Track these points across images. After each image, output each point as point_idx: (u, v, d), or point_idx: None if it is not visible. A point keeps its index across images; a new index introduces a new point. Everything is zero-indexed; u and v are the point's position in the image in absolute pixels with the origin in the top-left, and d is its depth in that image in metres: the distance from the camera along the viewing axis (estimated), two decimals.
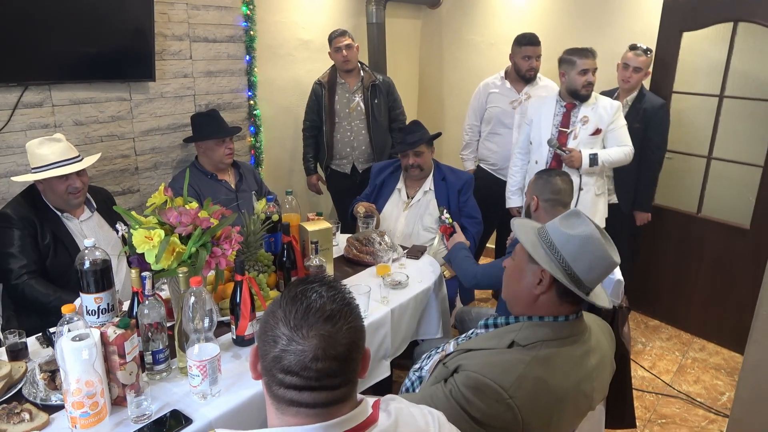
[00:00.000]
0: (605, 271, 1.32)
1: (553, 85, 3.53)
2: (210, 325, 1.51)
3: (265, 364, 0.87)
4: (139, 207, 3.14)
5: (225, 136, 2.91)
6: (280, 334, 0.85)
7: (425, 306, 2.31)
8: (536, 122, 3.07)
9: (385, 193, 3.06)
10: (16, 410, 1.39)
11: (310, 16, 3.91)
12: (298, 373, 0.84)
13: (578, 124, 2.93)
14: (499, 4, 4.29)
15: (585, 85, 2.88)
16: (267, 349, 0.86)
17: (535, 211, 2.25)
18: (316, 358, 0.83)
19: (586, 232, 1.30)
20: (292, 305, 0.86)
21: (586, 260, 1.29)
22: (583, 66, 2.87)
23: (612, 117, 2.91)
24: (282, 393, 0.86)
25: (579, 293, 1.28)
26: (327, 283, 0.91)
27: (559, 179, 2.21)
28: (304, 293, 0.88)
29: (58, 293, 2.09)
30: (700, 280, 3.47)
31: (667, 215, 3.56)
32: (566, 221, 1.34)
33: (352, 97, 3.58)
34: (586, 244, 1.29)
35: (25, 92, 2.57)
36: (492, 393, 1.19)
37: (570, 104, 2.96)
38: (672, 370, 3.18)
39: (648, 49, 3.22)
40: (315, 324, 0.84)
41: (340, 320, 0.86)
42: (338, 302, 0.88)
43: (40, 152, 2.13)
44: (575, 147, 2.89)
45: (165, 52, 3.07)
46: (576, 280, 1.29)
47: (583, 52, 2.88)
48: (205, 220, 1.68)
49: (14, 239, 2.11)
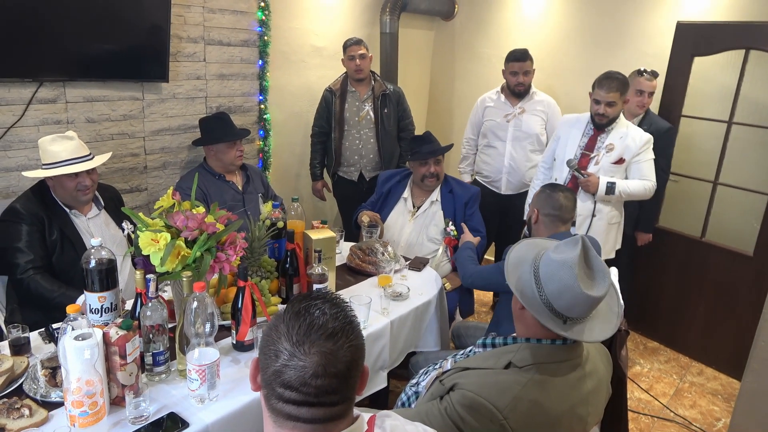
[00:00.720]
0: (576, 300, 1.24)
1: (549, 99, 3.57)
2: (211, 330, 1.53)
3: (265, 377, 0.89)
4: (146, 206, 3.17)
5: (236, 139, 2.94)
6: (282, 348, 0.86)
7: (425, 319, 2.32)
8: (563, 140, 3.09)
9: (391, 201, 3.08)
10: (16, 405, 1.41)
11: (325, 24, 3.95)
12: (297, 388, 0.85)
13: (602, 150, 2.93)
14: (512, 19, 4.32)
15: (596, 114, 2.89)
16: (268, 362, 0.88)
17: (534, 223, 2.26)
18: (316, 375, 0.84)
19: (563, 257, 1.26)
20: (295, 321, 0.88)
21: (555, 284, 1.25)
22: (595, 96, 2.88)
23: (639, 149, 2.88)
24: (280, 407, 0.87)
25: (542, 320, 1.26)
26: (330, 299, 0.92)
27: (562, 195, 2.21)
28: (307, 309, 0.89)
29: (63, 289, 2.11)
30: (701, 305, 3.47)
31: (671, 238, 3.56)
32: (561, 246, 1.31)
33: (362, 106, 3.61)
34: (558, 269, 1.25)
35: (39, 88, 2.60)
36: (487, 413, 1.20)
37: (598, 130, 2.96)
38: (669, 393, 3.18)
39: (655, 72, 3.24)
40: (317, 341, 0.86)
41: (341, 338, 0.87)
42: (340, 320, 0.89)
43: (52, 149, 2.16)
44: (595, 173, 2.89)
45: (179, 54, 3.11)
46: (547, 303, 1.27)
47: (600, 82, 2.86)
48: (211, 225, 1.70)
49: (22, 234, 2.13)
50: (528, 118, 3.55)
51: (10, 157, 2.58)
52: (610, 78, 2.84)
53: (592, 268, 1.29)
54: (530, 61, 3.45)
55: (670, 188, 3.56)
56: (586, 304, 1.25)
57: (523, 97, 3.56)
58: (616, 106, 2.85)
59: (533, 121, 3.55)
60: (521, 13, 4.26)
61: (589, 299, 1.24)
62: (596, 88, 2.87)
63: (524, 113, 3.55)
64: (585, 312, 1.27)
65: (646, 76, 3.20)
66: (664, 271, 3.63)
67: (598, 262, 1.29)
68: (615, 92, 2.81)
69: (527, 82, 3.50)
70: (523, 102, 3.56)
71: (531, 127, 3.55)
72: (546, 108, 3.56)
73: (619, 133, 2.91)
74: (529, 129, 3.55)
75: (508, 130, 3.58)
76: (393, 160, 3.72)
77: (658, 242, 3.56)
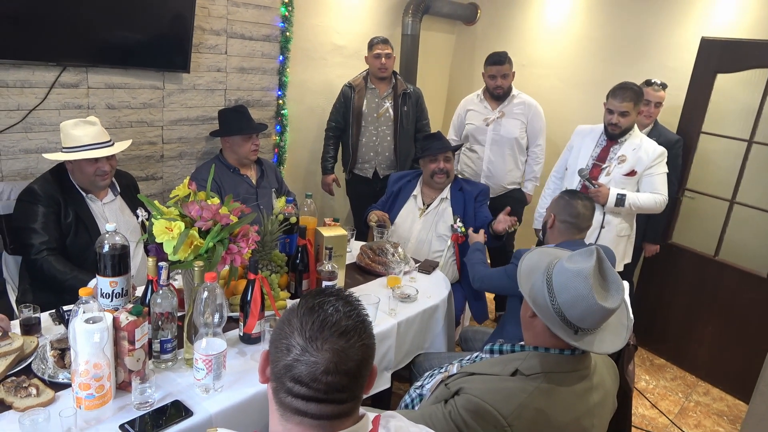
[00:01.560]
0: (590, 311, 1.24)
1: (530, 101, 3.55)
2: (220, 321, 1.54)
3: (275, 370, 0.89)
4: (161, 194, 3.19)
5: (252, 133, 2.95)
6: (295, 343, 0.86)
7: (432, 322, 2.32)
8: (576, 150, 3.09)
9: (401, 200, 3.09)
10: (24, 384, 1.42)
11: (347, 23, 3.96)
12: (307, 384, 0.85)
13: (614, 162, 2.91)
14: (535, 26, 4.30)
15: (609, 124, 2.88)
16: (279, 356, 0.88)
17: (550, 228, 2.25)
18: (327, 372, 0.85)
19: (578, 267, 1.26)
20: (309, 316, 0.88)
21: (568, 294, 1.25)
22: (609, 105, 2.88)
23: (651, 162, 2.86)
24: (289, 401, 0.87)
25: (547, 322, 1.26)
26: (344, 297, 0.92)
27: (581, 203, 2.20)
28: (321, 306, 0.89)
29: (75, 272, 2.13)
30: (711, 324, 3.43)
31: (683, 255, 3.53)
32: (575, 256, 1.31)
33: (381, 103, 3.62)
34: (572, 279, 1.25)
35: (63, 72, 2.63)
36: (491, 419, 1.20)
37: (611, 140, 2.95)
38: (674, 411, 3.14)
39: (664, 84, 3.22)
40: (329, 338, 0.86)
41: (354, 336, 0.87)
42: (353, 319, 0.89)
43: (74, 133, 2.18)
44: (606, 184, 2.88)
45: (201, 46, 3.13)
46: (559, 313, 1.26)
47: (614, 92, 2.85)
48: (225, 217, 1.71)
49: (38, 215, 2.16)
50: (507, 122, 3.54)
51: (30, 139, 2.61)
52: (624, 88, 2.83)
53: (607, 279, 1.28)
54: (509, 64, 3.43)
55: (686, 205, 3.53)
56: (598, 315, 1.25)
57: (503, 100, 3.54)
58: (630, 116, 2.84)
59: (512, 125, 3.53)
60: (544, 21, 4.25)
61: (602, 310, 1.23)
62: (610, 98, 2.86)
63: (503, 117, 3.54)
64: (597, 323, 1.27)
65: (653, 87, 3.20)
66: (675, 287, 3.59)
67: (613, 274, 1.29)
68: (629, 102, 2.80)
69: (505, 86, 3.48)
70: (503, 105, 3.55)
71: (509, 131, 3.53)
72: (526, 110, 3.53)
73: (632, 144, 2.90)
74: (507, 133, 3.54)
75: (487, 134, 3.58)
76: (408, 159, 3.72)
77: (670, 258, 3.53)
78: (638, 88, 2.86)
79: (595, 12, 3.96)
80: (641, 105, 2.91)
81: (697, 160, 3.45)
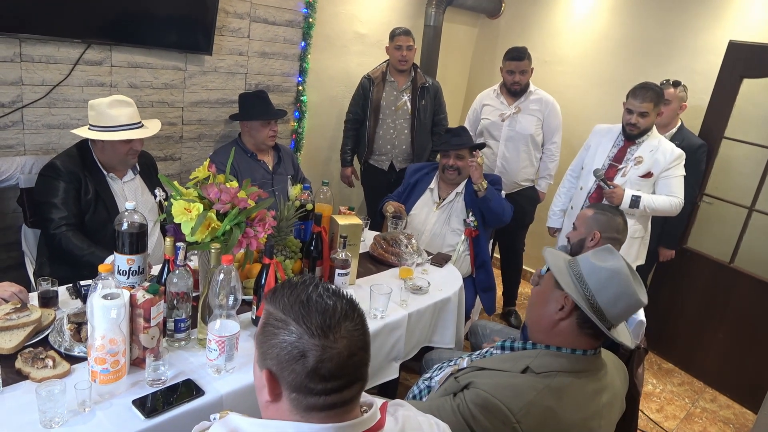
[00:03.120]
0: (630, 307, 1.31)
1: (547, 98, 3.50)
2: (234, 303, 1.55)
3: (296, 381, 0.86)
4: (179, 175, 3.22)
5: (271, 119, 2.96)
6: (310, 346, 0.84)
7: (442, 315, 2.33)
8: (593, 149, 3.07)
9: (418, 192, 3.08)
10: (41, 356, 1.45)
11: (370, 12, 3.94)
12: (338, 375, 0.85)
13: (631, 162, 2.89)
14: (559, 22, 4.26)
15: (628, 124, 2.87)
16: (295, 368, 0.85)
17: (595, 244, 2.21)
18: (352, 354, 0.86)
19: (615, 266, 1.30)
20: (307, 314, 0.86)
21: (610, 293, 1.29)
22: (628, 105, 2.86)
23: (668, 164, 2.83)
24: (323, 401, 0.86)
25: (600, 325, 1.28)
26: (314, 282, 0.92)
27: (620, 218, 2.21)
28: (309, 300, 0.88)
29: (92, 248, 2.16)
30: (722, 331, 3.40)
31: (698, 260, 3.49)
32: (598, 254, 1.35)
33: (400, 96, 3.61)
34: (613, 277, 1.30)
35: (87, 49, 2.65)
36: (500, 414, 1.20)
37: (628, 141, 2.93)
38: (679, 416, 3.13)
39: (677, 83, 3.16)
40: (338, 325, 0.86)
41: (352, 312, 0.90)
42: (340, 297, 0.91)
43: (111, 113, 2.21)
44: (621, 185, 2.86)
45: (224, 28, 3.13)
46: (598, 311, 1.29)
47: (634, 92, 2.83)
48: (243, 201, 1.72)
49: (59, 190, 2.18)
50: (523, 118, 3.50)
51: (53, 115, 2.64)
52: (645, 88, 2.80)
53: (635, 274, 1.33)
54: (528, 60, 3.39)
55: (703, 210, 3.50)
56: (633, 310, 1.32)
57: (519, 96, 3.51)
58: (649, 117, 2.82)
59: (528, 121, 3.50)
60: (568, 18, 4.20)
61: (638, 305, 1.30)
62: (630, 98, 2.84)
63: (519, 113, 3.50)
64: (626, 318, 1.34)
65: (662, 84, 3.14)
66: (687, 292, 3.57)
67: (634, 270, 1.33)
68: (649, 102, 2.78)
69: (523, 82, 3.45)
70: (519, 101, 3.51)
71: (525, 128, 3.50)
72: (542, 107, 3.49)
73: (649, 146, 2.88)
74: (523, 129, 3.51)
75: (503, 129, 3.55)
76: (425, 152, 3.72)
77: (684, 263, 3.50)
78: (659, 89, 2.84)
79: (620, 11, 3.91)
80: (661, 106, 2.88)
81: (718, 165, 3.41)
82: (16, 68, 2.47)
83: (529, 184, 3.66)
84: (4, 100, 2.48)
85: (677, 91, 3.16)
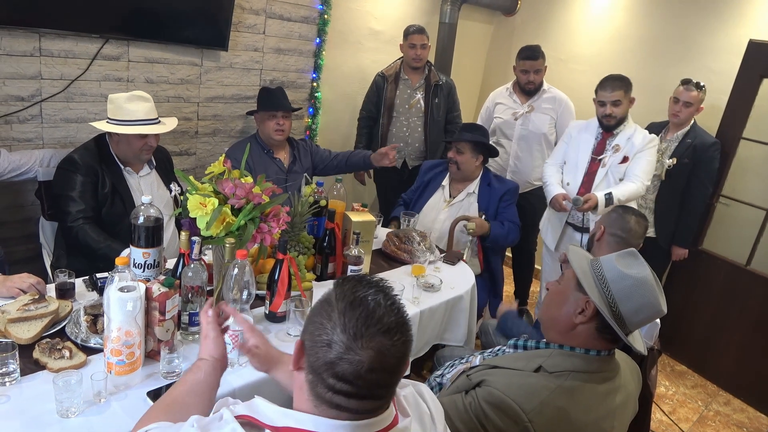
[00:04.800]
0: (651, 317, 1.30)
1: (561, 96, 3.47)
2: (247, 298, 1.57)
3: (314, 365, 0.87)
4: (194, 169, 3.24)
5: (274, 110, 2.88)
6: (337, 340, 0.84)
7: (454, 313, 2.32)
8: (575, 144, 3.06)
9: (430, 190, 3.09)
10: (58, 346, 1.47)
11: (385, 8, 3.94)
12: (351, 381, 0.84)
13: (609, 152, 2.92)
14: (575, 21, 4.22)
15: (604, 116, 2.90)
16: (318, 352, 0.86)
17: (597, 240, 2.20)
18: (372, 370, 0.83)
19: (641, 275, 1.29)
20: (351, 312, 0.85)
21: (635, 302, 1.27)
22: (599, 98, 2.89)
23: (641, 146, 2.86)
24: (329, 396, 0.86)
25: (619, 333, 1.27)
26: (383, 290, 0.90)
27: (634, 219, 2.14)
28: (363, 300, 0.87)
29: (108, 242, 2.18)
30: (737, 334, 3.37)
31: (713, 262, 3.46)
32: (623, 259, 1.32)
33: (413, 94, 3.60)
34: (639, 287, 1.28)
35: (105, 44, 2.68)
36: (512, 413, 1.20)
37: (606, 132, 2.95)
38: (692, 419, 3.11)
39: (700, 85, 3.12)
40: (374, 336, 0.84)
41: (397, 333, 0.86)
42: (395, 314, 0.87)
43: (129, 107, 2.23)
44: (603, 174, 2.91)
45: (240, 24, 3.15)
46: (619, 318, 1.28)
47: (602, 84, 2.87)
48: (257, 196, 1.73)
49: (77, 184, 2.21)
50: (536, 116, 3.47)
51: (71, 109, 2.67)
52: (611, 78, 2.86)
53: (658, 283, 1.32)
54: (542, 59, 3.36)
55: (720, 211, 3.46)
56: (653, 319, 1.31)
57: (533, 94, 3.48)
58: (622, 105, 2.85)
59: (541, 120, 3.47)
60: (585, 16, 4.17)
61: (660, 314, 1.30)
62: (599, 91, 2.89)
63: (532, 112, 3.47)
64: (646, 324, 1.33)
65: (687, 86, 3.12)
66: (702, 294, 3.53)
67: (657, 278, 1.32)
68: (619, 90, 2.82)
69: (537, 81, 3.42)
70: (533, 100, 3.48)
71: (538, 127, 3.47)
72: (556, 106, 3.46)
73: (626, 134, 2.91)
74: (536, 128, 3.48)
75: (515, 128, 3.53)
76: (438, 150, 3.70)
77: (699, 265, 3.46)
78: (626, 77, 2.87)
79: (637, 9, 3.87)
80: (631, 92, 2.88)
81: (735, 166, 3.36)
82: (35, 63, 2.50)
83: (542, 183, 3.63)
84: (23, 94, 2.52)
85: (700, 93, 3.12)
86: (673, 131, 3.23)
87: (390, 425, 0.91)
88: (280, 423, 0.89)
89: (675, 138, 3.21)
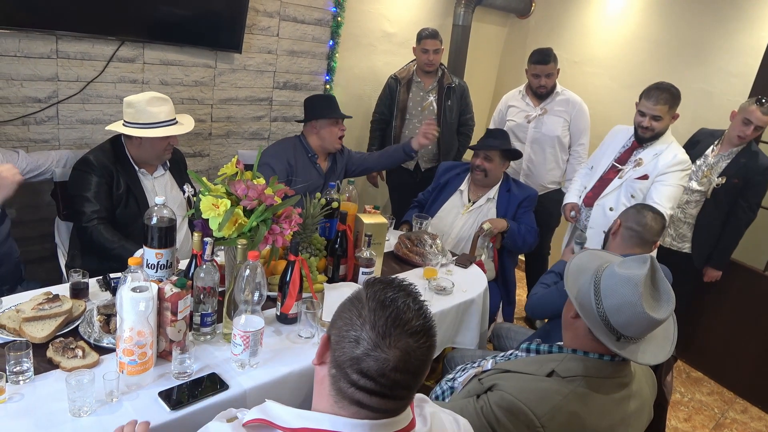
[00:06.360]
0: (638, 321, 1.21)
1: (574, 99, 3.43)
2: (259, 299, 1.56)
3: (340, 359, 0.88)
4: (207, 171, 3.26)
5: (338, 117, 2.82)
6: (366, 336, 0.86)
7: (466, 316, 2.31)
8: (603, 147, 2.99)
9: (447, 192, 3.05)
10: (71, 346, 1.48)
11: (398, 11, 3.94)
12: (375, 378, 0.85)
13: (631, 164, 2.78)
14: (589, 23, 4.19)
15: (640, 127, 2.71)
16: (345, 347, 0.87)
17: (612, 234, 2.17)
18: (397, 369, 0.85)
19: (629, 274, 1.23)
20: (382, 311, 0.87)
21: (615, 300, 1.23)
22: (641, 107, 2.70)
23: (665, 169, 2.65)
24: (351, 392, 0.87)
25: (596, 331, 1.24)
26: (412, 294, 0.92)
27: (651, 215, 2.08)
28: (394, 301, 0.88)
29: (122, 242, 2.20)
30: (755, 341, 3.31)
31: (732, 268, 3.39)
32: (630, 261, 1.29)
33: (426, 96, 3.59)
34: (622, 285, 1.22)
35: (121, 47, 2.70)
36: (524, 418, 1.19)
37: (637, 143, 2.80)
38: (708, 426, 3.06)
39: (762, 101, 2.86)
40: (402, 336, 0.86)
41: (423, 336, 0.88)
42: (423, 318, 0.89)
43: (151, 110, 2.24)
44: (617, 185, 2.78)
45: (254, 27, 3.16)
46: (603, 317, 1.24)
47: (648, 93, 2.66)
48: (269, 198, 1.73)
49: (92, 185, 2.23)
50: (549, 119, 3.44)
51: (87, 110, 2.70)
52: (660, 89, 2.62)
53: (659, 289, 1.25)
54: (554, 63, 3.32)
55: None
56: (644, 325, 1.22)
57: (546, 97, 3.44)
58: (662, 120, 2.65)
59: (554, 122, 3.43)
60: (599, 18, 4.14)
61: (649, 320, 1.21)
62: (643, 99, 2.67)
63: (545, 114, 3.44)
64: (642, 333, 1.24)
65: (762, 108, 2.84)
66: (720, 300, 3.47)
67: (665, 285, 1.26)
68: (663, 105, 2.61)
69: (549, 85, 3.38)
70: (546, 103, 3.45)
71: (551, 129, 3.44)
72: (569, 108, 3.42)
73: (654, 150, 2.72)
74: (549, 131, 3.44)
75: (528, 131, 3.49)
76: (451, 152, 3.70)
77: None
78: (676, 90, 2.64)
79: (652, 11, 3.83)
80: (676, 108, 2.67)
81: None
82: (52, 64, 2.53)
83: (556, 186, 3.60)
84: (40, 96, 2.55)
85: (763, 112, 2.85)
86: (727, 147, 3.04)
87: (407, 427, 0.91)
88: (295, 424, 0.89)
89: (729, 154, 3.03)
